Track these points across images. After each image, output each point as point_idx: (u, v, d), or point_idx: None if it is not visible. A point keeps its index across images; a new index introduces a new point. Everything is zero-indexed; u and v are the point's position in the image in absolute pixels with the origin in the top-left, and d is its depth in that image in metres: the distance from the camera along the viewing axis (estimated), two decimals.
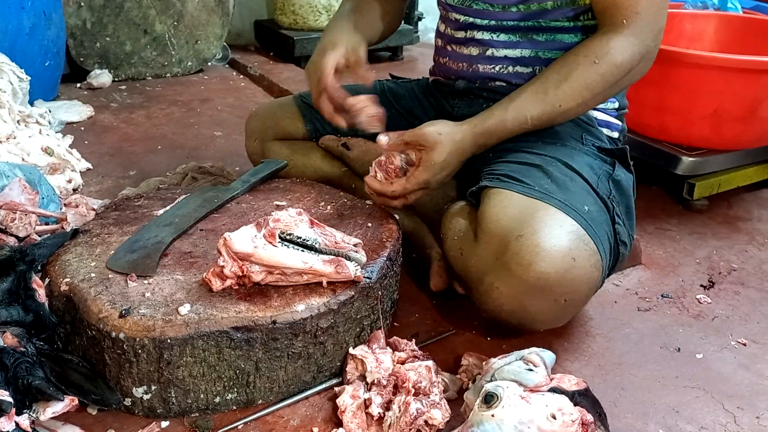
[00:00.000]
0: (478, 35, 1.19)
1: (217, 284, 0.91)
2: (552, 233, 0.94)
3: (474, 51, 1.20)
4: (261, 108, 1.47)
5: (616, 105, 1.22)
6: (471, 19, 1.18)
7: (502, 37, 1.16)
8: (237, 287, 0.92)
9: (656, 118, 1.62)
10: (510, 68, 1.17)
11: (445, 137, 1.05)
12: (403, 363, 0.94)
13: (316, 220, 0.96)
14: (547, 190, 1.00)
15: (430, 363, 0.94)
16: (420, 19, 3.44)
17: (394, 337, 1.00)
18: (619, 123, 1.24)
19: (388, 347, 0.98)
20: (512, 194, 1.00)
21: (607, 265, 1.03)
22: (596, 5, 1.08)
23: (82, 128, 2.13)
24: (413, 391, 0.89)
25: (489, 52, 1.18)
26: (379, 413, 0.88)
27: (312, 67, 1.15)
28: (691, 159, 1.56)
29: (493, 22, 1.16)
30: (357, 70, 1.14)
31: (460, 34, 1.21)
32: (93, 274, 0.95)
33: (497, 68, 1.18)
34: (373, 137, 1.28)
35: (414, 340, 1.01)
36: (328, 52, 1.12)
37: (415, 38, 3.32)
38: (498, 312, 0.99)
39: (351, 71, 1.14)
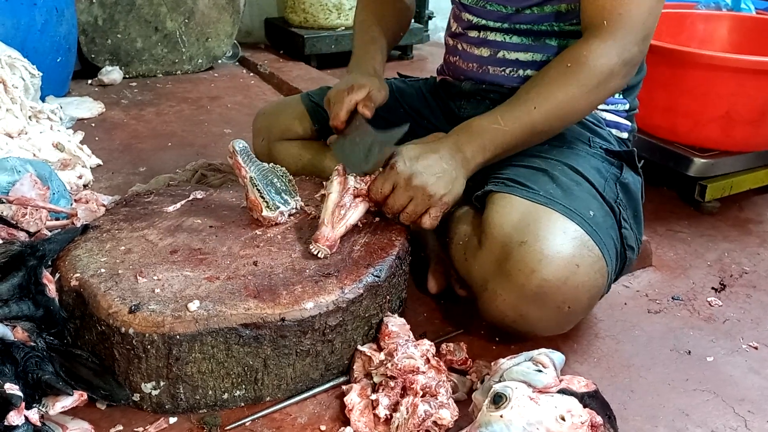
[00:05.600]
0: (491, 36, 1.18)
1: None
2: (555, 240, 0.94)
3: (485, 52, 1.19)
4: (268, 107, 1.47)
5: (627, 106, 1.22)
6: (484, 21, 1.18)
7: (515, 39, 1.15)
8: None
9: (667, 119, 1.61)
10: (520, 71, 1.16)
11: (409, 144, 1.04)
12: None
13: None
14: (552, 195, 1.00)
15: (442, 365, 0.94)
16: (430, 18, 3.44)
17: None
18: (629, 124, 1.23)
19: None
20: (516, 199, 0.99)
21: (613, 271, 1.02)
22: (582, 7, 1.04)
23: (93, 124, 2.14)
24: (421, 393, 0.88)
25: (500, 54, 1.17)
26: (386, 415, 0.88)
27: (335, 97, 1.15)
28: (702, 161, 1.55)
29: (506, 25, 1.16)
30: (364, 110, 1.14)
31: (473, 34, 1.21)
32: (103, 270, 0.95)
33: (507, 71, 1.18)
34: None
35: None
36: (354, 91, 1.13)
37: (425, 37, 3.32)
38: (501, 318, 0.99)
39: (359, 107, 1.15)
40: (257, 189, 1.07)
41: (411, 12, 1.38)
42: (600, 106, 1.20)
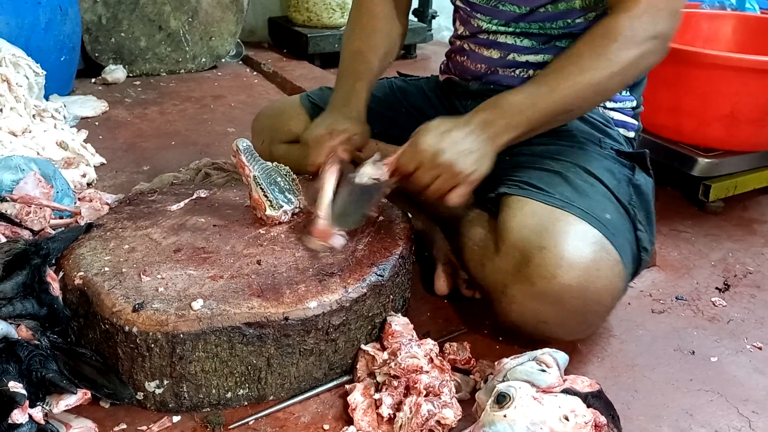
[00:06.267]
0: (501, 38, 1.17)
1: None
2: (575, 245, 0.93)
3: (495, 54, 1.18)
4: (267, 108, 1.46)
5: (634, 103, 1.21)
6: (495, 23, 1.17)
7: (526, 42, 1.14)
8: None
9: (671, 118, 1.61)
10: (530, 72, 1.15)
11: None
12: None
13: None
14: (568, 197, 0.99)
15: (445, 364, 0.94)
16: (433, 17, 3.43)
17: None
18: (635, 122, 1.22)
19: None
20: (532, 203, 0.98)
21: (630, 273, 1.01)
22: None
23: (97, 123, 2.14)
24: (424, 392, 0.88)
25: (510, 57, 1.16)
26: (389, 414, 0.88)
27: (313, 141, 1.11)
28: (707, 160, 1.55)
29: (518, 28, 1.14)
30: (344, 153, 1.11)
31: (483, 36, 1.19)
32: (107, 268, 0.95)
33: (517, 72, 1.17)
34: (383, 137, 1.28)
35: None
36: (334, 137, 1.09)
37: (428, 36, 3.31)
38: (521, 324, 0.98)
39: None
40: (261, 188, 1.07)
41: (404, 35, 1.32)
42: (608, 105, 1.19)
